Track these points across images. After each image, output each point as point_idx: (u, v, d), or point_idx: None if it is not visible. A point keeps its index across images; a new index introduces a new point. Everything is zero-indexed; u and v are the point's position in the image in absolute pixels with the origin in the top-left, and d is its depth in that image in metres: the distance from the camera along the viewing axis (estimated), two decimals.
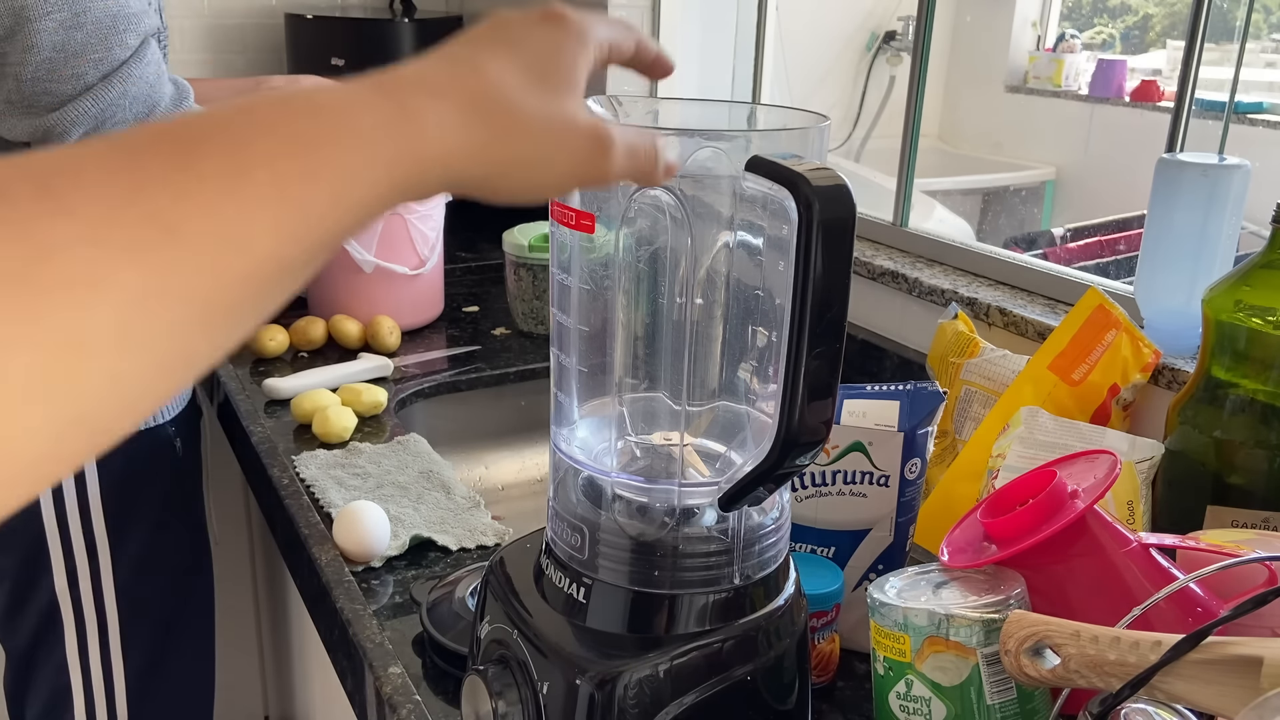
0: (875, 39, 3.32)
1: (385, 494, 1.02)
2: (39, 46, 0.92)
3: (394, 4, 2.04)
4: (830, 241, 0.48)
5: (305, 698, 1.54)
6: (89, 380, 0.29)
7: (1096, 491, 0.68)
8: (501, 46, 0.41)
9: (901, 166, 1.48)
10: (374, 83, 0.37)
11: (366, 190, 0.35)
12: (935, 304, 1.30)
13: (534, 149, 0.41)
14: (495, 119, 0.39)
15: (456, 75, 0.39)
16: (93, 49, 0.94)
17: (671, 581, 0.57)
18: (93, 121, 0.96)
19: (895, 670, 0.66)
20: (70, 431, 0.29)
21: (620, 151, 0.43)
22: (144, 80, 0.98)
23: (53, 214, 0.28)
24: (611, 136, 0.43)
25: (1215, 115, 2.35)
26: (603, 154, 0.43)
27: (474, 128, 0.38)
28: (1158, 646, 0.55)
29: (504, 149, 0.39)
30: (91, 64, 0.95)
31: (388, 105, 0.36)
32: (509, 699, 0.58)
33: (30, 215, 0.28)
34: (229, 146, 0.32)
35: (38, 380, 0.27)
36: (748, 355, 0.57)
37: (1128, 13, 3.47)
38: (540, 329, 1.50)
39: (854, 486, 0.77)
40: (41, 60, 0.93)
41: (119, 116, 0.97)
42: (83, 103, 0.95)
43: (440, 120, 0.37)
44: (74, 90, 0.95)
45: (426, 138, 0.37)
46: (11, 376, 0.27)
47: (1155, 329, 1.08)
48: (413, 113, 0.36)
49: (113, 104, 0.96)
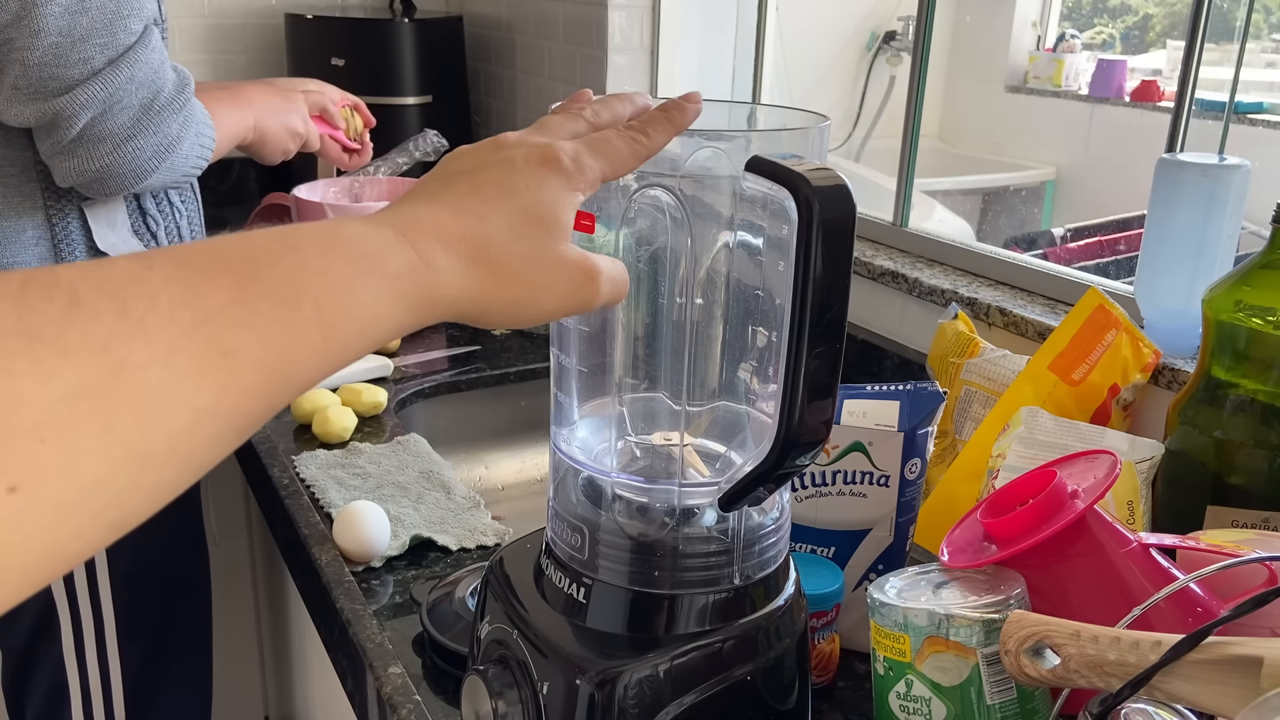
0: (875, 39, 3.32)
1: (385, 494, 1.02)
2: (45, 31, 0.92)
3: (394, 4, 2.04)
4: (830, 241, 0.48)
5: (305, 698, 1.54)
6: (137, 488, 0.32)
7: (1096, 491, 0.68)
8: (502, 197, 0.46)
9: (901, 166, 1.48)
10: (396, 228, 0.42)
11: (388, 326, 0.40)
12: (935, 304, 1.30)
13: (527, 290, 0.46)
14: (494, 267, 0.44)
15: (462, 226, 0.44)
16: (99, 33, 0.94)
17: (671, 581, 0.57)
18: (100, 106, 0.96)
19: (895, 670, 0.66)
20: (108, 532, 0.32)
21: (604, 281, 0.48)
22: (149, 65, 0.98)
23: (132, 336, 0.31)
24: (598, 271, 0.48)
25: (1215, 115, 2.35)
26: (590, 287, 0.48)
27: (478, 275, 0.44)
28: (1158, 646, 0.55)
29: (501, 292, 0.45)
30: (98, 48, 0.95)
31: (410, 254, 0.41)
32: (509, 699, 0.58)
33: (112, 334, 0.30)
34: (281, 281, 0.36)
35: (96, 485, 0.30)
36: (748, 355, 0.57)
37: (1128, 13, 3.47)
38: (540, 329, 1.50)
39: (854, 486, 0.77)
40: (48, 45, 0.93)
41: (125, 101, 0.97)
42: (90, 87, 0.95)
43: (451, 269, 0.43)
44: (81, 75, 0.95)
45: (439, 285, 0.42)
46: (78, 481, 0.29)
47: (1155, 329, 1.08)
48: (429, 261, 0.42)
49: (120, 88, 0.96)
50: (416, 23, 1.93)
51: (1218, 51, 2.48)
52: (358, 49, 1.89)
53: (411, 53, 1.92)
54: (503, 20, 2.04)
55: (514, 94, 2.03)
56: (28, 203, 1.03)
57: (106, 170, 0.99)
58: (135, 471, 0.31)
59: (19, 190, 1.03)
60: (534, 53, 1.93)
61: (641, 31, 1.70)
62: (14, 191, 1.03)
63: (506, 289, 0.45)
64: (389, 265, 0.40)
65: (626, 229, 0.56)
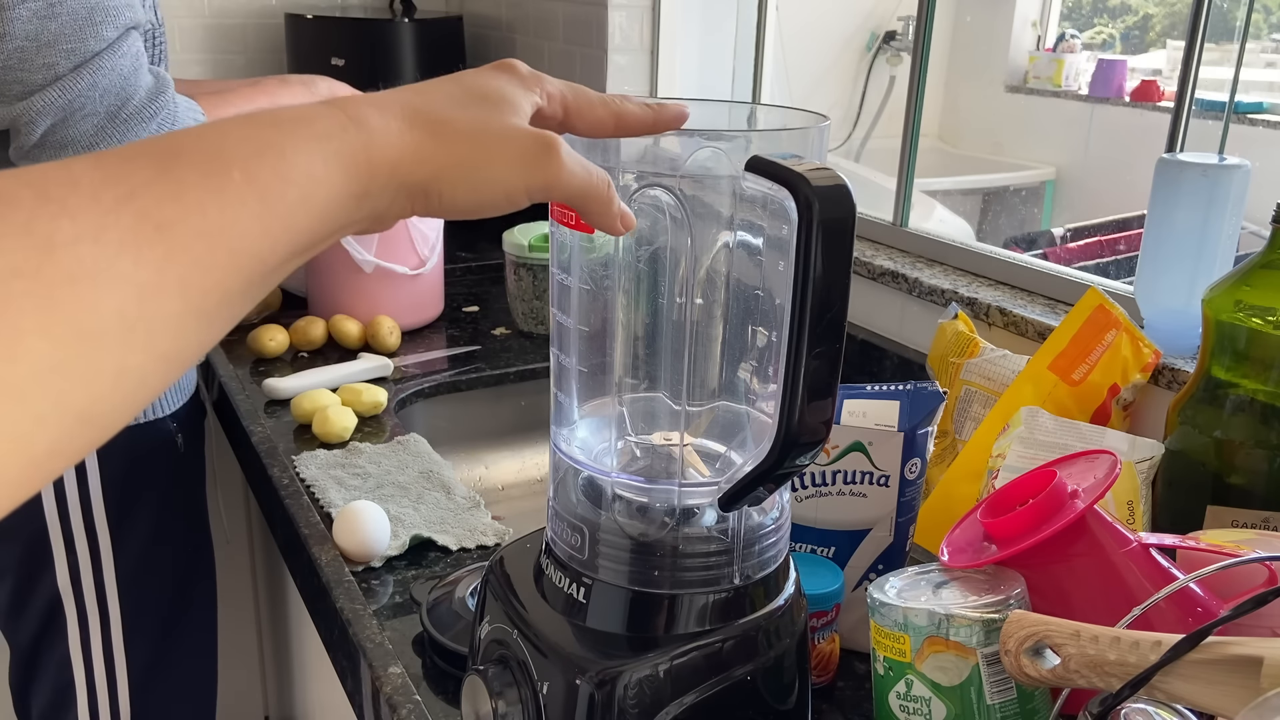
0: (875, 39, 3.32)
1: (385, 494, 1.02)
2: (11, 35, 0.92)
3: (394, 4, 2.04)
4: (830, 241, 0.48)
5: (305, 698, 1.54)
6: (97, 372, 0.31)
7: (1096, 491, 0.68)
8: (446, 81, 0.45)
9: (901, 166, 1.49)
10: (327, 101, 0.41)
11: (329, 191, 0.38)
12: (935, 304, 1.30)
13: (472, 150, 0.43)
14: (432, 125, 0.43)
15: (399, 96, 0.43)
16: (66, 39, 0.93)
17: (671, 581, 0.57)
18: (59, 113, 0.95)
19: (895, 670, 0.66)
20: (76, 424, 0.31)
21: (568, 157, 0.45)
22: (116, 72, 0.96)
23: (55, 215, 0.30)
24: (555, 139, 0.45)
25: (1215, 115, 2.35)
26: (547, 154, 0.45)
27: (417, 135, 0.42)
28: (1158, 646, 0.55)
29: (443, 150, 0.43)
30: (63, 54, 0.93)
31: (339, 114, 0.40)
32: (509, 699, 0.58)
33: (34, 216, 0.30)
34: (205, 154, 0.35)
35: (49, 369, 0.29)
36: (748, 355, 0.57)
37: (1128, 13, 3.47)
38: (540, 329, 1.50)
39: (854, 486, 0.77)
40: (13, 49, 0.92)
41: (88, 109, 0.96)
42: (50, 93, 0.94)
43: (384, 125, 0.41)
44: (44, 80, 0.94)
45: (373, 141, 0.40)
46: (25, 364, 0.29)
47: (1155, 329, 1.08)
48: (360, 120, 0.41)
49: (81, 95, 0.95)
50: (416, 23, 1.93)
51: (1218, 51, 2.48)
52: (358, 49, 1.89)
53: (411, 53, 1.92)
54: (503, 20, 2.04)
55: None
56: None
57: None
58: (89, 353, 0.30)
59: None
60: (534, 53, 1.93)
61: (641, 31, 1.70)
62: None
63: (451, 149, 0.43)
64: (316, 126, 0.39)
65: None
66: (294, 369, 1.32)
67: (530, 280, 1.48)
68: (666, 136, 0.52)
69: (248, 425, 1.19)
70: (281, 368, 1.34)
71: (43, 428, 0.30)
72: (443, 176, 0.43)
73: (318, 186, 0.38)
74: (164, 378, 0.34)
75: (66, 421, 0.30)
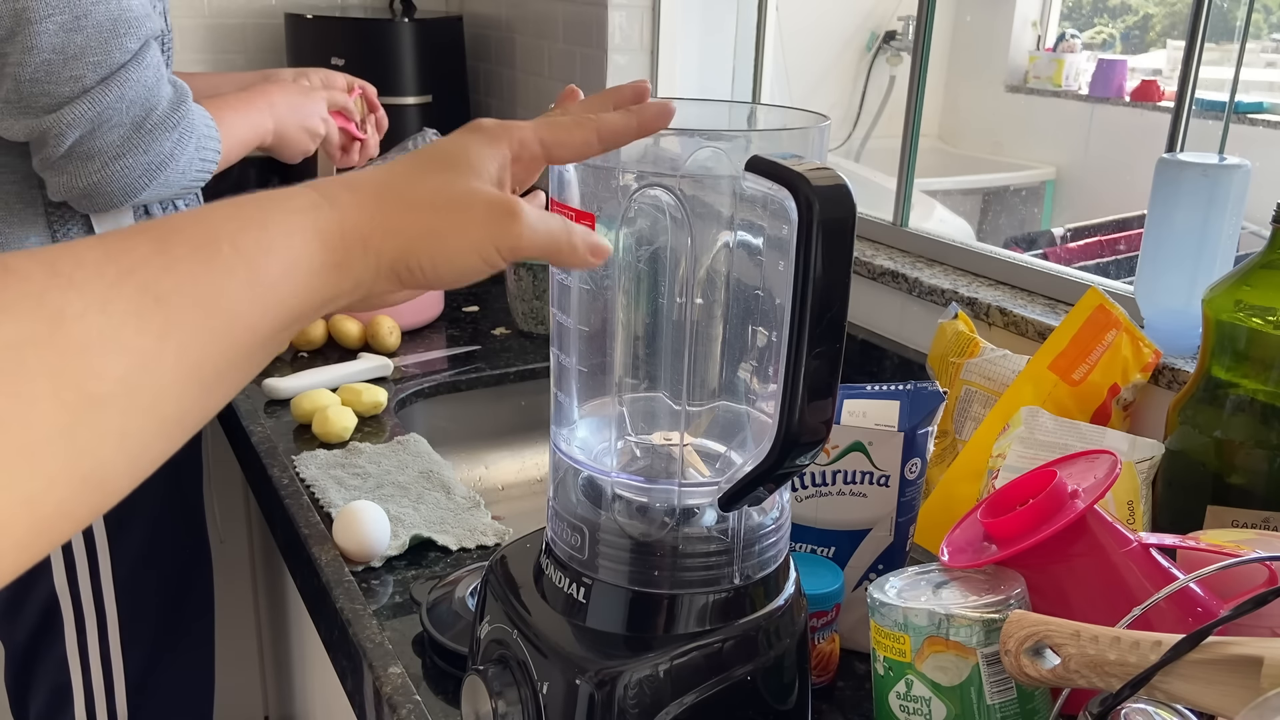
0: (875, 39, 3.32)
1: (385, 494, 1.02)
2: (38, 48, 0.92)
3: (394, 4, 2.04)
4: (830, 241, 0.48)
5: (305, 698, 1.53)
6: (103, 436, 0.33)
7: (1096, 491, 0.68)
8: (416, 153, 0.47)
9: (901, 166, 1.48)
10: (308, 184, 0.44)
11: (309, 262, 0.41)
12: (935, 304, 1.30)
13: (435, 218, 0.45)
14: (397, 197, 0.45)
15: (373, 174, 0.46)
16: (92, 52, 0.94)
17: (671, 581, 0.57)
18: (89, 124, 0.96)
19: (895, 670, 0.66)
20: (83, 486, 0.33)
21: (531, 218, 0.46)
22: (141, 84, 0.98)
23: (64, 288, 0.33)
24: (517, 203, 0.46)
25: (1215, 115, 2.35)
26: (509, 218, 0.46)
27: (384, 207, 0.44)
28: (1158, 646, 0.55)
29: (410, 220, 0.45)
30: (90, 67, 0.94)
31: (313, 193, 0.43)
32: (509, 699, 0.58)
33: (45, 289, 0.32)
34: (196, 231, 0.38)
35: (59, 432, 0.31)
36: (748, 355, 0.57)
37: (1128, 13, 3.47)
38: (540, 329, 1.50)
39: (854, 486, 0.77)
40: (40, 62, 0.93)
41: (115, 119, 0.97)
42: (79, 105, 0.95)
43: (354, 200, 0.44)
44: (72, 92, 0.95)
45: (345, 216, 0.43)
46: (37, 428, 0.31)
47: (1155, 329, 1.08)
48: (332, 196, 0.43)
49: (109, 107, 0.96)
50: (416, 22, 1.93)
51: (1218, 51, 2.48)
52: (358, 49, 1.89)
53: (411, 53, 1.92)
54: (503, 20, 2.04)
55: (514, 94, 2.03)
56: (30, 210, 1.03)
57: (95, 187, 0.98)
58: (96, 417, 0.32)
59: (20, 198, 1.03)
60: (534, 53, 1.93)
61: (641, 31, 1.70)
62: (16, 199, 1.03)
63: (417, 218, 0.45)
64: (293, 203, 0.42)
65: (626, 229, 0.56)
66: (294, 369, 1.32)
67: (530, 280, 1.48)
68: (666, 136, 0.52)
69: (247, 425, 1.19)
70: (281, 368, 1.34)
71: (51, 490, 0.31)
72: (416, 248, 0.45)
73: (298, 257, 0.41)
74: (166, 443, 0.36)
75: (74, 484, 0.32)
